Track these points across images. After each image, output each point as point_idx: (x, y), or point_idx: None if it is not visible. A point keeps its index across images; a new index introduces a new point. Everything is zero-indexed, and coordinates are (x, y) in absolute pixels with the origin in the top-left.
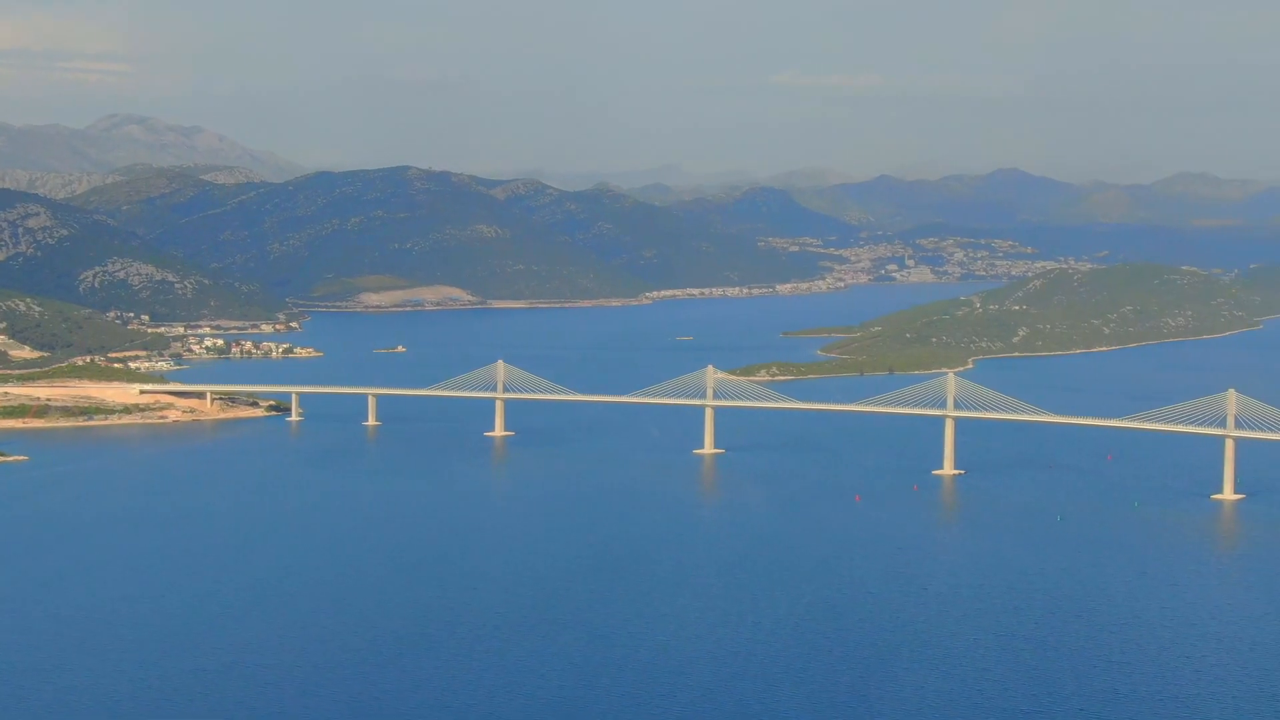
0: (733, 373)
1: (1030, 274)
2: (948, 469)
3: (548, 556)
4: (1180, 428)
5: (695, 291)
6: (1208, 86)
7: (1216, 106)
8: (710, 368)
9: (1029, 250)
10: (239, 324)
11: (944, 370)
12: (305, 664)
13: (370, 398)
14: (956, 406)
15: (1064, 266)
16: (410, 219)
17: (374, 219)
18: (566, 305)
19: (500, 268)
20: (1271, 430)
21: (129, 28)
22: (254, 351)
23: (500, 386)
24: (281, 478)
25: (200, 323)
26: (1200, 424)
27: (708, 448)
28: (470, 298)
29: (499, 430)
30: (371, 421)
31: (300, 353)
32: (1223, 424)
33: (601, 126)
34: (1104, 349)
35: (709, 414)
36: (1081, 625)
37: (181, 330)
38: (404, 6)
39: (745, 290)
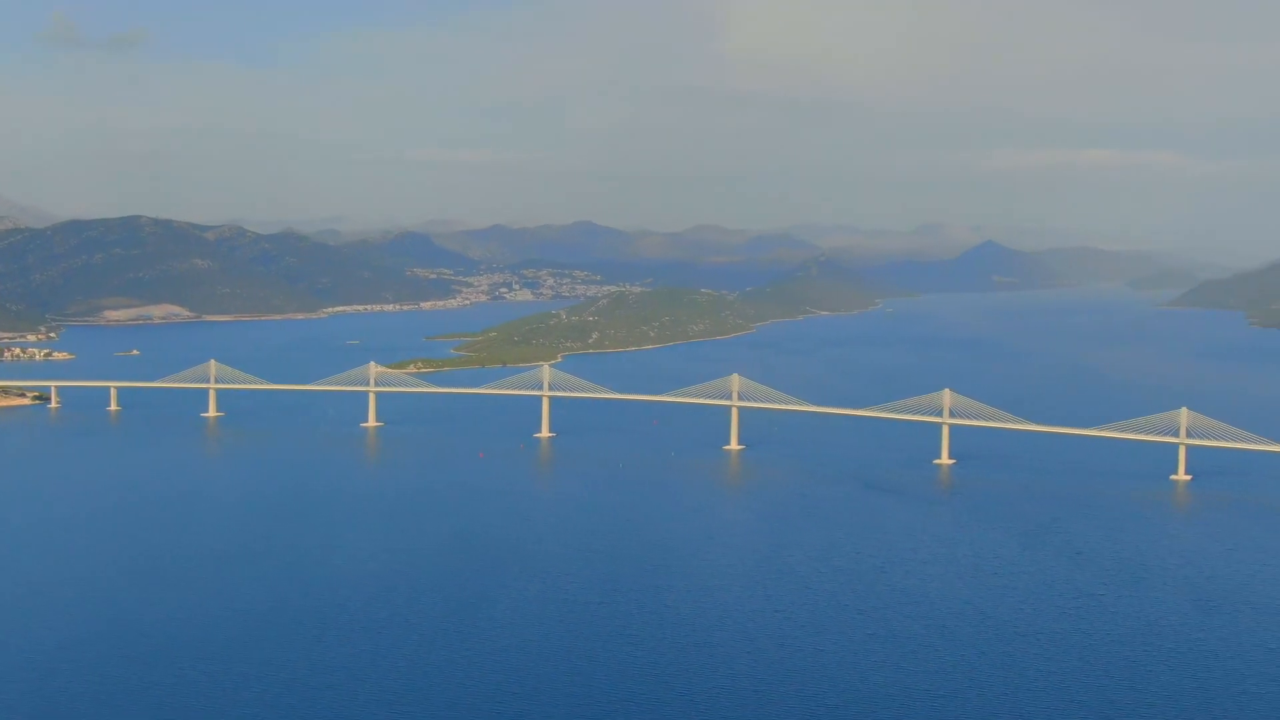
0: (389, 366)
1: (600, 295)
2: (544, 433)
3: (247, 504)
4: (702, 400)
5: (360, 307)
6: (712, 161)
7: (721, 177)
8: (372, 363)
9: (598, 278)
10: (9, 334)
11: (541, 363)
12: (63, 594)
13: (112, 389)
14: (550, 389)
15: (623, 289)
16: (141, 255)
17: (114, 255)
18: (263, 318)
19: (212, 291)
20: (762, 401)
21: None
22: (21, 355)
23: (212, 379)
24: (42, 449)
25: None
26: (716, 398)
27: (371, 422)
28: (189, 313)
29: (212, 412)
30: (114, 407)
31: (57, 356)
32: (729, 397)
33: (288, 186)
34: (651, 347)
35: (372, 397)
36: (636, 540)
37: None
38: (138, 96)
39: (398, 306)
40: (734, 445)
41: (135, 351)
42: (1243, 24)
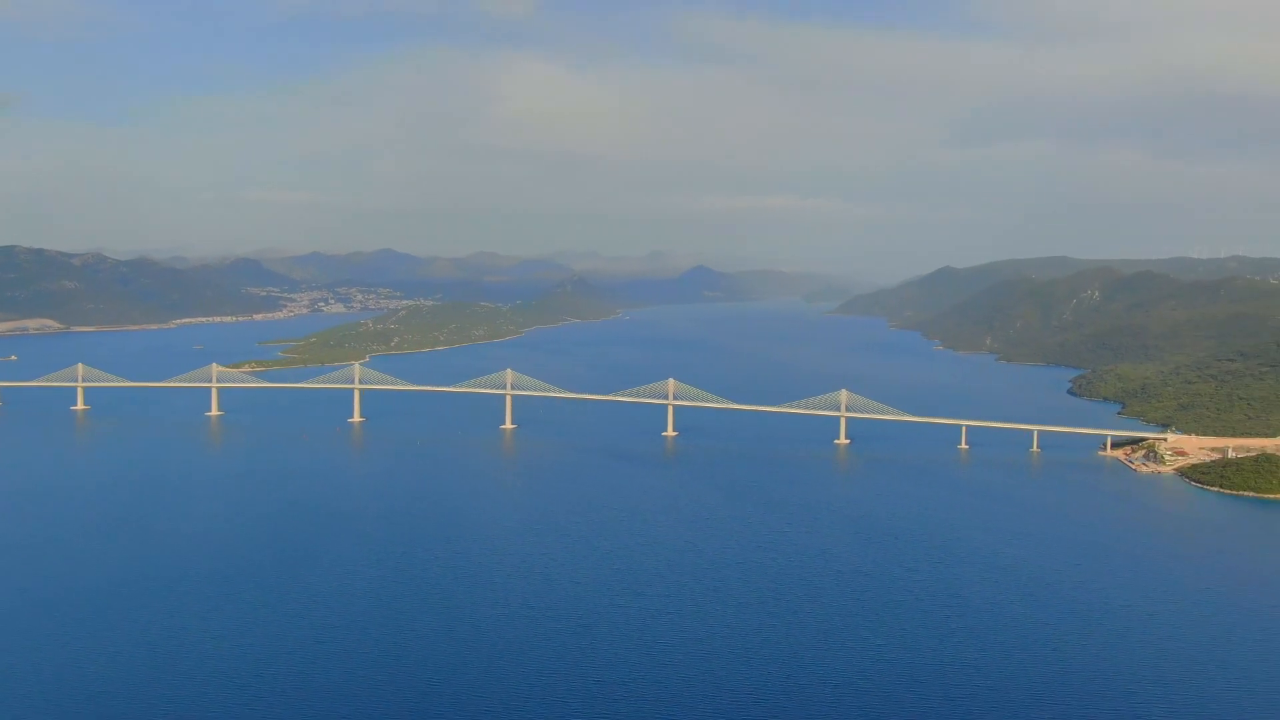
0: (228, 366)
1: (400, 308)
2: (356, 418)
3: (110, 483)
4: (479, 390)
5: (204, 319)
6: (489, 201)
7: (496, 213)
8: (214, 364)
9: (399, 294)
10: None
11: (352, 362)
12: None
13: None
14: (360, 383)
15: (418, 303)
16: (17, 277)
17: None
18: (122, 329)
19: (79, 307)
20: (530, 390)
21: None
22: None
23: (80, 378)
24: None
25: None
26: (494, 388)
27: (214, 411)
28: (59, 325)
29: (80, 406)
30: None
31: None
32: (505, 387)
33: (142, 220)
34: (442, 348)
35: (214, 391)
36: (431, 502)
37: None
38: (14, 146)
39: (235, 318)
40: (509, 425)
41: (13, 357)
42: (869, 103)
